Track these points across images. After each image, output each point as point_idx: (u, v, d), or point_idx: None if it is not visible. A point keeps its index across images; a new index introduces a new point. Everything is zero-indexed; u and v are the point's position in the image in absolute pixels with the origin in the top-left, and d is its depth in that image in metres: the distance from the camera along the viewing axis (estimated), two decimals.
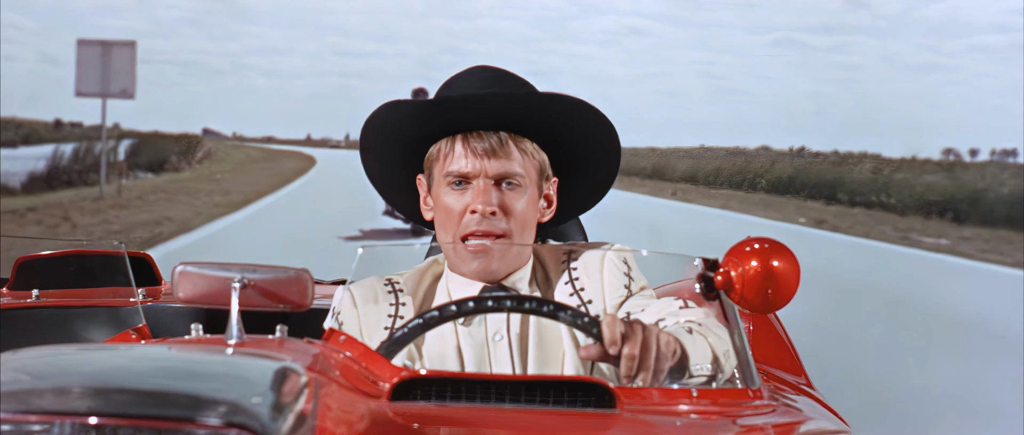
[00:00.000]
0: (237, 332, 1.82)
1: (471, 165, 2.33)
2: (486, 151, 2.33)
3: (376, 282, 2.36)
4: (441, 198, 2.36)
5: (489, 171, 2.33)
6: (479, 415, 1.83)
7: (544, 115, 2.35)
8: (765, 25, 9.60)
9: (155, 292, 3.18)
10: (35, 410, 1.48)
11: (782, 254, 2.09)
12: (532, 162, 2.37)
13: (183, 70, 9.72)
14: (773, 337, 2.85)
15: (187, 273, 1.87)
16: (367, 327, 2.31)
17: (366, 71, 9.88)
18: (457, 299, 2.12)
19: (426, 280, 2.40)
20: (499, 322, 2.31)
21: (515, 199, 2.34)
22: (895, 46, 9.57)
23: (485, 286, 2.34)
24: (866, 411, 6.16)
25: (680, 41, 9.68)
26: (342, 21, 9.86)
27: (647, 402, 1.93)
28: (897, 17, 9.62)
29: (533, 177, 2.37)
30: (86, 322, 2.88)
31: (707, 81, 9.80)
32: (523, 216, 2.34)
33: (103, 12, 9.56)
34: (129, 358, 1.69)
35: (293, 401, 1.57)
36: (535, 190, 2.38)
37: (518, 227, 2.34)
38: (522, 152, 2.36)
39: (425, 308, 2.32)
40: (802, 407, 2.28)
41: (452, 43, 9.65)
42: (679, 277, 2.28)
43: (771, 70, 9.65)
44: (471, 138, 2.34)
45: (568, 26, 9.84)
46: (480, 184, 2.33)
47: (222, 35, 9.70)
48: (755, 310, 2.14)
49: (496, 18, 9.78)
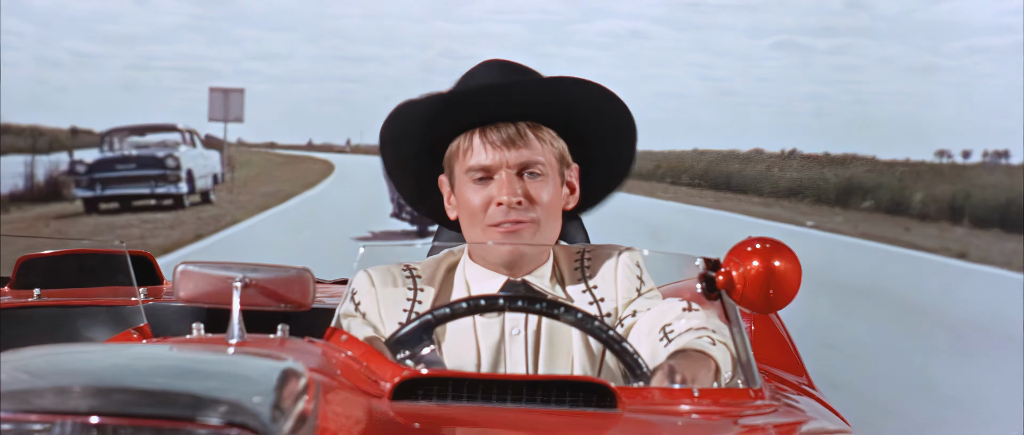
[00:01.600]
0: (238, 331, 1.82)
1: (492, 157, 2.32)
2: (505, 142, 2.32)
3: (394, 267, 2.35)
4: (464, 194, 2.35)
5: (510, 162, 2.32)
6: (480, 415, 1.83)
7: (557, 100, 2.34)
8: (765, 28, 9.60)
9: (156, 291, 3.18)
10: (36, 409, 1.48)
11: (783, 254, 2.09)
12: (552, 150, 2.36)
13: (182, 76, 9.71)
14: (774, 337, 2.85)
15: (189, 272, 1.87)
16: (386, 309, 2.30)
17: (367, 75, 9.88)
18: (471, 296, 2.13)
19: (442, 269, 2.39)
20: (519, 317, 2.30)
21: (539, 188, 2.33)
22: (894, 48, 9.58)
23: (507, 281, 2.33)
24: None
25: (680, 44, 9.68)
26: (342, 25, 9.86)
27: (648, 402, 1.93)
28: (896, 19, 9.62)
29: (554, 165, 2.36)
30: (87, 321, 2.88)
31: (708, 84, 9.80)
32: (549, 204, 2.33)
33: (100, 18, 9.57)
34: (130, 357, 1.69)
35: (294, 401, 1.56)
36: (557, 178, 2.37)
37: (545, 215, 2.33)
38: (541, 141, 2.34)
39: (443, 296, 2.33)
40: (803, 407, 2.28)
41: (452, 47, 9.65)
42: (681, 277, 2.28)
43: (771, 72, 9.65)
44: (489, 131, 2.33)
45: (568, 29, 9.84)
46: (503, 176, 2.31)
47: (221, 40, 9.69)
48: (756, 310, 2.14)
49: (496, 22, 9.78)
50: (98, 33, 9.54)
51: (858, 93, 9.60)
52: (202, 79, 9.44)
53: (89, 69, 9.44)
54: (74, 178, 5.99)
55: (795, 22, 9.54)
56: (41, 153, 7.97)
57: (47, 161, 7.91)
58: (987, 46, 9.56)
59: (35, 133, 8.25)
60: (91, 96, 9.56)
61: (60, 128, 8.50)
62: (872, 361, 7.39)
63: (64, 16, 9.31)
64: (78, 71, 9.52)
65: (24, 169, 7.80)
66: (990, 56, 9.52)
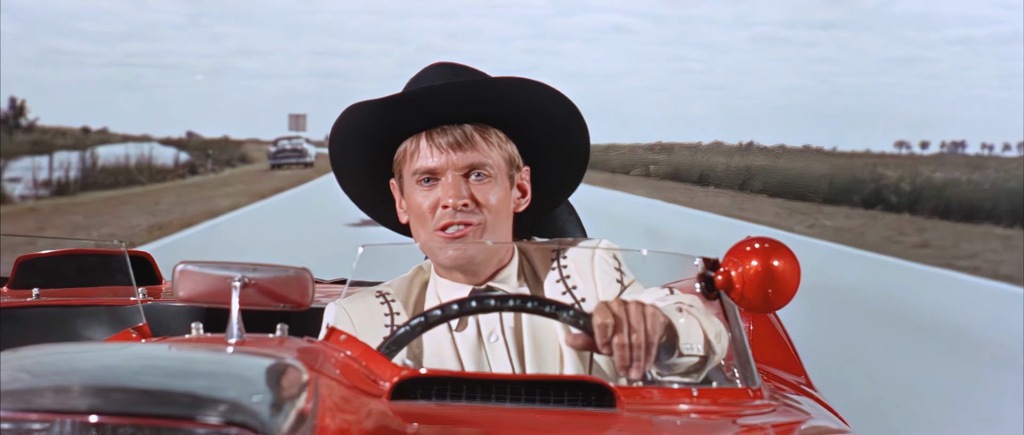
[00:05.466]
0: (237, 331, 1.81)
1: (437, 160, 2.30)
2: (451, 145, 2.30)
3: (366, 296, 2.34)
4: (413, 197, 2.33)
5: (457, 164, 2.30)
6: (479, 415, 1.82)
7: (504, 101, 2.33)
8: (745, 21, 9.63)
9: (155, 291, 3.16)
10: (35, 409, 1.47)
11: (782, 254, 2.09)
12: (500, 152, 2.34)
13: (163, 73, 9.68)
14: (773, 337, 2.85)
15: (187, 272, 1.86)
16: (365, 336, 2.27)
17: (347, 71, 9.88)
18: (456, 299, 2.11)
19: (415, 288, 2.38)
20: (493, 322, 2.30)
21: (486, 190, 2.31)
22: (872, 40, 9.62)
23: (474, 289, 2.32)
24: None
25: (660, 37, 9.70)
26: (322, 21, 9.84)
27: (647, 402, 1.92)
28: (874, 11, 9.66)
29: (502, 167, 2.34)
30: (86, 321, 2.87)
31: (688, 77, 9.82)
32: (496, 207, 2.32)
33: (82, 16, 9.52)
34: (129, 357, 1.68)
35: (293, 400, 1.56)
36: (506, 180, 2.35)
37: (492, 218, 2.31)
38: (488, 143, 2.33)
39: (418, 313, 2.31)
40: (802, 407, 2.28)
41: (433, 42, 9.64)
42: (679, 277, 2.27)
43: (751, 65, 9.68)
44: (435, 133, 2.31)
45: (549, 24, 9.85)
46: (449, 178, 2.30)
47: (203, 37, 9.67)
48: (755, 310, 2.14)
49: (477, 16, 9.78)
50: (81, 31, 9.50)
51: (837, 85, 9.65)
52: (181, 75, 9.43)
53: (72, 66, 9.42)
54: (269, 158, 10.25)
55: (774, 15, 9.56)
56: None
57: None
58: (963, 38, 9.61)
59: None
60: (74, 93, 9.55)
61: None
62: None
63: (46, 14, 9.28)
64: (61, 69, 9.50)
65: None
66: (967, 48, 9.57)
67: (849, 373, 6.79)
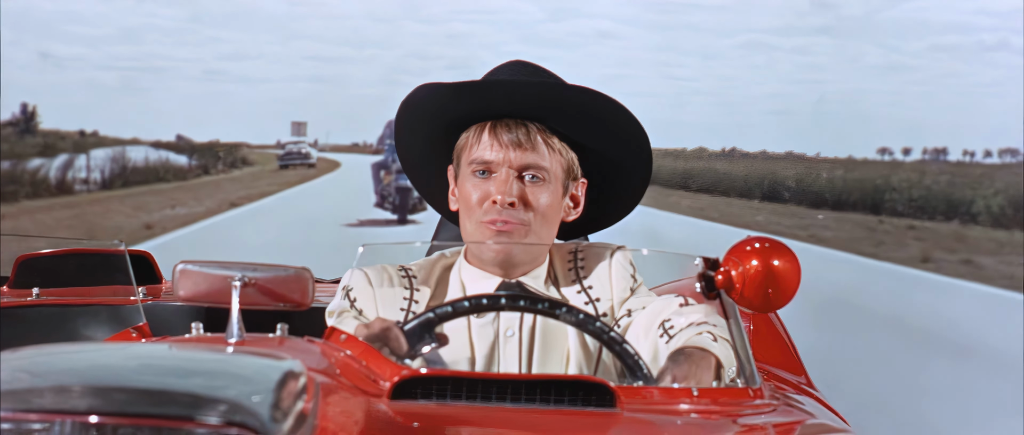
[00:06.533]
0: (237, 331, 1.80)
1: (495, 154, 2.30)
2: (512, 142, 2.30)
3: (389, 268, 2.33)
4: (465, 187, 2.33)
5: (513, 162, 2.30)
6: (480, 414, 1.82)
7: (571, 108, 2.32)
8: (732, 28, 9.64)
9: (155, 291, 3.16)
10: (35, 409, 1.46)
11: (782, 253, 2.08)
12: (559, 159, 2.34)
13: (153, 77, 9.67)
14: (774, 337, 2.85)
15: (188, 272, 1.86)
16: (383, 307, 2.28)
17: (336, 76, 9.87)
18: (471, 295, 2.10)
19: (437, 270, 2.38)
20: (513, 318, 2.29)
21: (537, 193, 2.31)
22: (858, 47, 9.65)
23: (503, 282, 2.31)
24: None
25: (647, 44, 9.70)
26: (311, 26, 9.83)
27: (648, 401, 1.92)
28: (861, 19, 9.68)
29: (558, 174, 2.34)
30: (86, 320, 2.86)
31: (674, 83, 9.82)
32: (544, 210, 2.31)
33: (70, 19, 9.50)
34: (129, 356, 1.67)
35: (293, 400, 1.55)
36: (560, 187, 2.34)
37: (538, 221, 2.31)
38: (549, 147, 2.32)
39: (438, 297, 2.31)
40: (803, 407, 2.28)
41: (421, 48, 9.63)
42: (679, 276, 2.27)
43: (737, 72, 9.69)
44: (499, 127, 2.31)
45: (536, 29, 9.84)
46: (502, 174, 2.30)
47: (192, 41, 9.67)
48: (756, 309, 2.14)
49: (465, 22, 9.77)
50: (66, 34, 9.48)
51: (822, 92, 9.67)
52: (169, 79, 9.43)
53: (57, 70, 9.40)
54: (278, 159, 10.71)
55: (761, 22, 9.58)
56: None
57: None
58: (948, 45, 9.64)
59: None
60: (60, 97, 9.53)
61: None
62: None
63: (31, 17, 9.26)
64: (44, 72, 9.48)
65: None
66: (952, 55, 9.60)
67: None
